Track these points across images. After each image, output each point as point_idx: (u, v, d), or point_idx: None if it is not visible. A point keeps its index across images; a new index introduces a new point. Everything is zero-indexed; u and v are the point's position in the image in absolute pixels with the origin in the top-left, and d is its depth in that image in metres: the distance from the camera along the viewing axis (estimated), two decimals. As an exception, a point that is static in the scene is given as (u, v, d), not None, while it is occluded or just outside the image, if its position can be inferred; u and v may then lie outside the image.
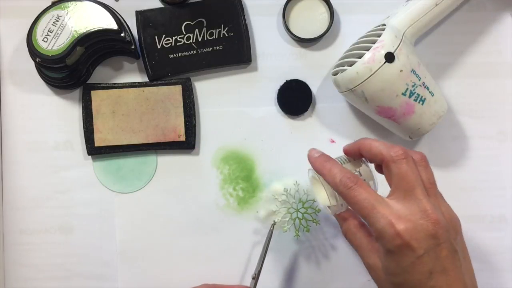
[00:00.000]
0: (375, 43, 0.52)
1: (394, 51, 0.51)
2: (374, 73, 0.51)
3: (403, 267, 0.40)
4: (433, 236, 0.39)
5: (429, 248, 0.39)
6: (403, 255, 0.40)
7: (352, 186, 0.42)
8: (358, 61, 0.52)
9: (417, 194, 0.41)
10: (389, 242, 0.40)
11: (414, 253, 0.39)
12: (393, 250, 0.40)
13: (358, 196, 0.42)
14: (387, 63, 0.51)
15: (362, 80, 0.52)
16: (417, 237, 0.39)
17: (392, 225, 0.40)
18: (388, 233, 0.40)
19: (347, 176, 0.43)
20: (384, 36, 0.52)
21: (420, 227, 0.39)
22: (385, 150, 0.43)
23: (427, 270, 0.39)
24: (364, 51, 0.52)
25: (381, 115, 0.55)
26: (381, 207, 0.41)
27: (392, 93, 0.52)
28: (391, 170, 0.43)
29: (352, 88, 0.53)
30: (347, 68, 0.53)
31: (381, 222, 0.40)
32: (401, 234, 0.39)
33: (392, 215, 0.40)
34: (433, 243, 0.39)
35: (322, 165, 0.46)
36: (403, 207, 0.41)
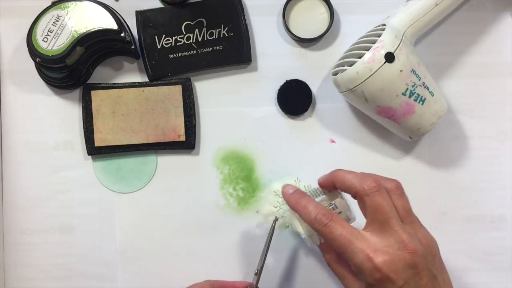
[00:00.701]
0: (375, 43, 0.52)
1: (394, 51, 0.51)
2: (374, 73, 0.51)
3: None
4: (411, 266, 0.40)
5: (408, 278, 0.40)
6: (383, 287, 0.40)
7: (327, 223, 0.43)
8: (358, 61, 0.52)
9: (392, 224, 0.41)
10: (369, 276, 0.40)
11: (394, 285, 0.40)
12: (373, 283, 0.40)
13: (334, 232, 0.42)
14: (387, 63, 0.51)
15: (362, 80, 0.52)
16: (395, 268, 0.40)
17: (370, 259, 0.40)
18: (367, 267, 0.40)
19: (322, 213, 0.44)
20: (384, 36, 0.52)
21: (398, 258, 0.40)
22: (358, 183, 0.44)
23: None
24: (364, 51, 0.52)
25: (381, 115, 0.55)
26: (357, 241, 0.41)
27: (392, 93, 0.52)
28: (365, 202, 0.43)
29: (352, 88, 0.53)
30: (347, 68, 0.53)
31: (359, 256, 0.40)
32: (379, 267, 0.40)
33: (369, 249, 0.40)
34: (411, 272, 0.40)
35: (297, 202, 0.47)
36: (379, 240, 0.41)
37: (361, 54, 0.52)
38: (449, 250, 0.61)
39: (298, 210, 0.46)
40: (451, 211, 0.61)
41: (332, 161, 0.61)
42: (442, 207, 0.61)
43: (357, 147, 0.61)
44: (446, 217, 0.61)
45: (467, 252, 0.61)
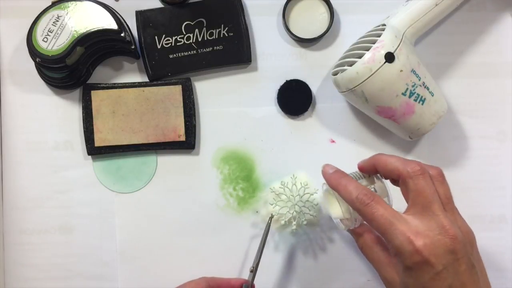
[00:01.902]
0: (375, 43, 0.52)
1: (394, 51, 0.51)
2: (374, 73, 0.51)
3: (421, 283, 0.40)
4: (451, 251, 0.40)
5: (447, 264, 0.39)
6: (422, 271, 0.40)
7: (369, 203, 0.43)
8: (358, 61, 0.52)
9: (434, 209, 0.41)
10: (408, 258, 0.40)
11: (433, 269, 0.39)
12: (412, 266, 0.40)
13: (376, 212, 0.42)
14: (387, 63, 0.51)
15: (362, 80, 0.52)
16: (435, 253, 0.39)
17: (411, 242, 0.40)
18: (407, 249, 0.40)
19: (363, 193, 0.43)
20: (384, 36, 0.52)
21: (439, 243, 0.40)
22: (402, 166, 0.44)
23: (446, 285, 0.40)
24: (364, 51, 0.52)
25: (381, 115, 0.55)
26: (398, 223, 0.41)
27: (392, 93, 0.52)
28: (408, 185, 0.43)
29: (352, 88, 0.53)
30: (347, 68, 0.53)
31: (399, 238, 0.40)
32: (419, 250, 0.39)
33: (410, 231, 0.40)
34: (451, 258, 0.40)
35: (338, 182, 0.46)
36: (420, 223, 0.41)
37: (361, 54, 0.52)
38: (449, 250, 0.61)
39: (339, 189, 0.46)
40: (451, 211, 0.61)
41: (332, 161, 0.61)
42: (442, 207, 0.61)
43: (357, 147, 0.61)
44: (446, 217, 0.61)
45: (467, 252, 0.61)
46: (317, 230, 0.61)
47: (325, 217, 0.61)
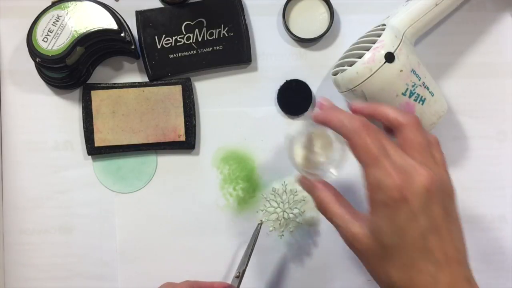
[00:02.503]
0: (375, 43, 0.52)
1: (394, 51, 0.51)
2: (374, 73, 0.51)
3: (397, 224, 0.39)
4: (427, 190, 0.38)
5: (425, 206, 0.38)
6: (398, 210, 0.38)
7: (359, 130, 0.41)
8: (358, 61, 0.52)
9: (417, 154, 0.41)
10: (386, 194, 0.39)
11: (410, 207, 0.38)
12: (389, 204, 0.39)
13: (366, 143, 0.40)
14: (387, 63, 0.51)
15: (362, 80, 0.52)
16: (415, 192, 0.38)
17: (391, 176, 0.38)
18: (386, 183, 0.39)
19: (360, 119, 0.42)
20: (384, 36, 0.52)
21: (419, 184, 0.38)
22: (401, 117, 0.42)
23: (421, 229, 0.38)
24: (364, 51, 0.52)
25: None
26: (384, 158, 0.40)
27: (392, 93, 0.52)
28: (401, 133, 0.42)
29: (352, 88, 0.53)
30: (347, 68, 0.53)
31: (381, 171, 0.39)
32: (399, 186, 0.38)
33: (392, 167, 0.39)
34: (429, 202, 0.39)
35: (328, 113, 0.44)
36: (404, 162, 0.40)
37: (361, 54, 0.52)
38: (449, 250, 0.61)
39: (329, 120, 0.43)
40: (451, 211, 0.61)
41: (332, 161, 0.61)
42: (442, 207, 0.61)
43: (357, 147, 0.61)
44: (446, 217, 0.61)
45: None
46: (317, 230, 0.61)
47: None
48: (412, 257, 0.39)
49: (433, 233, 0.39)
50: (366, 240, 0.41)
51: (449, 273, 0.39)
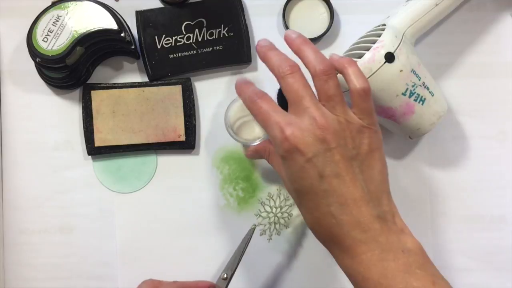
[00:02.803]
0: (375, 43, 0.52)
1: (394, 51, 0.51)
2: (374, 73, 0.51)
3: (294, 172, 0.42)
4: (321, 141, 0.41)
5: (318, 152, 0.41)
6: (293, 159, 0.42)
7: (256, 99, 0.45)
8: (358, 61, 0.52)
9: (305, 102, 0.43)
10: (280, 147, 0.42)
11: (303, 156, 0.41)
12: (284, 155, 0.42)
13: (261, 108, 0.45)
14: (387, 63, 0.51)
15: None
16: (304, 141, 0.41)
17: (281, 130, 0.42)
18: (278, 138, 0.42)
19: (254, 92, 0.46)
20: (384, 36, 0.52)
21: (308, 132, 0.41)
22: (276, 68, 0.45)
23: (317, 173, 0.41)
24: (364, 51, 0.52)
25: (381, 115, 0.55)
26: (276, 115, 0.43)
27: (392, 93, 0.52)
28: (281, 86, 0.45)
29: None
30: None
31: (274, 129, 0.43)
32: (288, 138, 0.41)
33: (284, 122, 0.42)
34: (322, 147, 0.41)
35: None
36: (294, 117, 0.43)
37: (361, 54, 0.52)
38: (449, 250, 0.61)
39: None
40: (451, 211, 0.61)
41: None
42: (442, 207, 0.61)
43: (357, 147, 0.61)
44: (446, 217, 0.61)
45: (467, 252, 0.61)
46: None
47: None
48: (316, 201, 0.42)
49: (332, 177, 0.41)
50: (286, 184, 0.46)
51: (354, 213, 0.41)
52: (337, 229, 0.42)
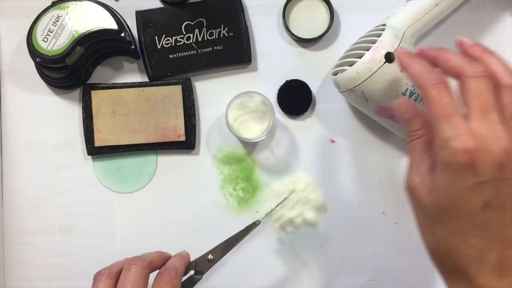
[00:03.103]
0: (375, 43, 0.52)
1: (394, 51, 0.51)
2: (374, 73, 0.51)
3: (458, 190, 0.36)
4: (500, 166, 0.36)
5: (493, 178, 0.36)
6: (462, 176, 0.36)
7: (437, 84, 0.39)
8: (358, 61, 0.52)
9: (492, 116, 0.37)
10: (453, 155, 0.36)
11: (476, 177, 0.36)
12: (453, 166, 0.36)
13: (443, 97, 0.38)
14: (387, 63, 0.51)
15: (362, 80, 0.52)
16: (484, 161, 0.35)
17: (462, 139, 0.36)
18: (455, 145, 0.36)
19: (435, 73, 0.40)
20: (384, 36, 0.52)
21: (491, 152, 0.36)
22: (466, 65, 0.39)
23: (483, 200, 0.36)
24: (364, 51, 0.52)
25: (381, 115, 0.55)
26: (457, 117, 0.37)
27: (392, 93, 0.52)
28: (468, 86, 0.38)
29: (352, 88, 0.53)
30: (347, 68, 0.53)
31: (452, 130, 0.36)
32: (469, 150, 0.35)
33: (465, 129, 0.36)
34: (498, 174, 0.36)
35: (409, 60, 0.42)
36: (477, 126, 0.36)
37: (361, 54, 0.52)
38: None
39: (409, 65, 0.42)
40: (451, 211, 0.61)
41: (332, 161, 0.61)
42: (442, 207, 0.61)
43: (357, 147, 0.61)
44: (446, 217, 0.61)
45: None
46: (316, 230, 0.61)
47: (325, 217, 0.61)
48: (465, 227, 0.37)
49: (495, 209, 0.36)
50: (423, 195, 0.39)
51: (499, 252, 0.37)
52: (475, 265, 0.37)
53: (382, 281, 0.61)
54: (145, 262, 0.44)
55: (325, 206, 0.61)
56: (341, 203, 0.61)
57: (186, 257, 0.49)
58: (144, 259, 0.44)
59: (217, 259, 0.51)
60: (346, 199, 0.61)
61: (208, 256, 0.51)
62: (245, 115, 0.58)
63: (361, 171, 0.61)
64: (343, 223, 0.61)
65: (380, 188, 0.61)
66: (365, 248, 0.61)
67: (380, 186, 0.61)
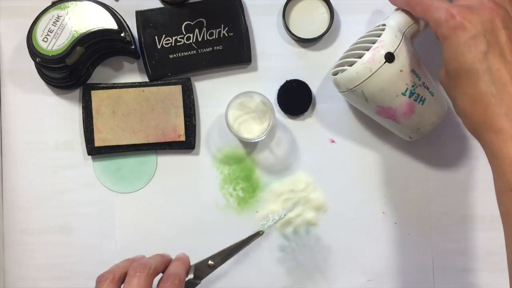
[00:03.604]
0: (375, 43, 0.52)
1: (394, 51, 0.51)
2: (374, 73, 0.51)
3: (457, 49, 0.41)
4: (489, 21, 0.41)
5: (484, 30, 0.41)
6: (456, 36, 0.41)
7: None
8: (358, 61, 0.52)
9: None
10: (443, 26, 0.42)
11: (467, 32, 0.41)
12: (448, 34, 0.42)
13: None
14: (387, 63, 0.51)
15: (362, 80, 0.52)
16: (471, 19, 0.41)
17: (447, 10, 0.42)
18: (443, 17, 0.42)
19: None
20: (384, 36, 0.52)
21: (475, 11, 0.41)
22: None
23: (481, 49, 0.40)
24: (364, 51, 0.52)
25: (381, 115, 0.55)
26: (439, 1, 0.44)
27: (392, 93, 0.52)
28: None
29: (352, 88, 0.53)
30: (347, 68, 0.53)
31: (438, 10, 0.43)
32: (454, 15, 0.41)
33: (448, 5, 0.43)
34: (489, 27, 0.41)
35: None
36: (465, 2, 0.43)
37: (361, 54, 0.52)
38: (449, 250, 0.61)
39: None
40: (451, 211, 0.61)
41: (332, 161, 0.61)
42: (442, 207, 0.61)
43: (357, 147, 0.61)
44: (446, 217, 0.61)
45: (467, 252, 0.61)
46: (316, 230, 0.61)
47: (325, 217, 0.61)
48: (474, 78, 0.41)
49: (497, 55, 0.40)
50: (442, 74, 0.46)
51: None
52: (495, 108, 0.40)
53: (382, 281, 0.61)
54: (150, 270, 0.45)
55: (325, 206, 0.61)
56: (341, 203, 0.61)
57: (186, 261, 0.50)
58: (149, 266, 0.45)
59: (217, 265, 0.52)
60: (346, 199, 0.61)
61: (209, 262, 0.51)
62: (245, 115, 0.58)
63: (361, 171, 0.61)
64: (343, 223, 0.61)
65: (380, 188, 0.61)
66: (365, 248, 0.61)
67: (380, 186, 0.61)
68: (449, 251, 0.61)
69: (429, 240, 0.61)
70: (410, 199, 0.61)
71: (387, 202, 0.61)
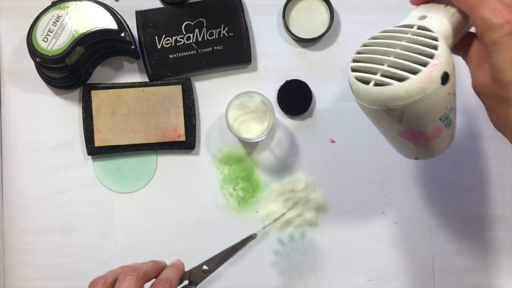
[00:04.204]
0: (430, 57, 0.39)
1: (450, 71, 0.40)
2: (426, 95, 0.39)
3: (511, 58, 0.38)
4: None
5: None
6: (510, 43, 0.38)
7: None
8: (412, 78, 0.39)
9: None
10: (496, 30, 0.38)
11: None
12: (500, 40, 0.38)
13: None
14: (440, 85, 0.40)
15: (410, 100, 0.40)
16: None
17: (501, 12, 0.38)
18: (495, 21, 0.38)
19: None
20: (441, 50, 0.40)
21: None
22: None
23: None
24: (411, 63, 0.40)
25: (404, 136, 0.45)
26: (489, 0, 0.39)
27: (432, 118, 0.42)
28: None
29: (393, 107, 0.41)
30: (393, 83, 0.40)
31: (489, 11, 0.38)
32: (510, 21, 0.38)
33: (501, 5, 0.38)
34: None
35: None
36: None
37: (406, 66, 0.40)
38: (449, 250, 0.61)
39: None
40: (451, 211, 0.61)
41: (332, 161, 0.61)
42: (442, 207, 0.61)
43: (357, 147, 0.61)
44: (446, 217, 0.61)
45: (467, 252, 0.61)
46: (317, 230, 0.61)
47: (325, 217, 0.61)
48: None
49: None
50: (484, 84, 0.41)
51: None
52: None
53: (382, 281, 0.61)
54: (140, 273, 0.44)
55: (325, 206, 0.61)
56: (341, 203, 0.61)
57: (180, 267, 0.49)
58: (140, 269, 0.44)
59: (212, 270, 0.51)
60: (346, 199, 0.61)
61: (203, 267, 0.51)
62: (245, 115, 0.58)
63: (361, 171, 0.61)
64: (343, 223, 0.61)
65: (380, 188, 0.61)
66: (365, 248, 0.61)
67: (380, 186, 0.61)
68: (449, 251, 0.61)
69: (429, 240, 0.61)
70: (410, 199, 0.61)
71: (387, 202, 0.61)
